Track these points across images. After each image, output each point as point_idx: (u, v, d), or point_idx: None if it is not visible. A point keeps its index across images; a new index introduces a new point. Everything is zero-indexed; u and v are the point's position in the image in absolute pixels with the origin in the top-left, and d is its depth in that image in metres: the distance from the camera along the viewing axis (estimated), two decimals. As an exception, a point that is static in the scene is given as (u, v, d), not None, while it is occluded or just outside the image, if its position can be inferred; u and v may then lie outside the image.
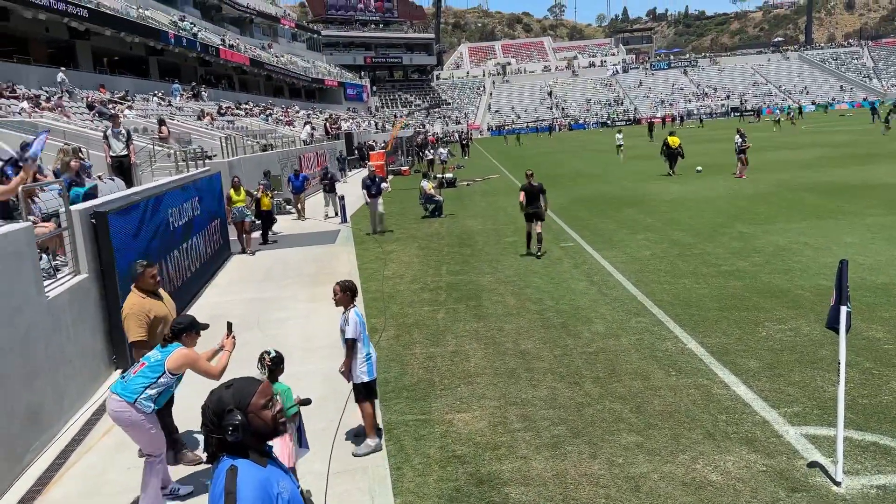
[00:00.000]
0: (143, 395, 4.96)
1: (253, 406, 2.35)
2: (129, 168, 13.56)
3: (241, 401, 2.34)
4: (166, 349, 5.09)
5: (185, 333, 5.17)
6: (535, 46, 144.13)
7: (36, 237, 6.92)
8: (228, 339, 5.22)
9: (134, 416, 4.96)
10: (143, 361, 5.12)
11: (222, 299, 11.71)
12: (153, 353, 5.14)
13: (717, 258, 11.87)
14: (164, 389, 5.07)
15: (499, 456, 5.58)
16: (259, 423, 2.35)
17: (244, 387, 2.38)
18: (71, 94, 27.33)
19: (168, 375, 5.03)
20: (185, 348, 5.10)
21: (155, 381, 5.00)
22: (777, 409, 6.10)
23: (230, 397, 2.34)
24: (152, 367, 5.03)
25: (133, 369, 5.12)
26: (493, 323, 9.16)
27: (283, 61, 66.13)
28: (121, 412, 4.98)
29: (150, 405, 4.99)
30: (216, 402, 2.34)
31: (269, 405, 2.39)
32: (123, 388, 5.01)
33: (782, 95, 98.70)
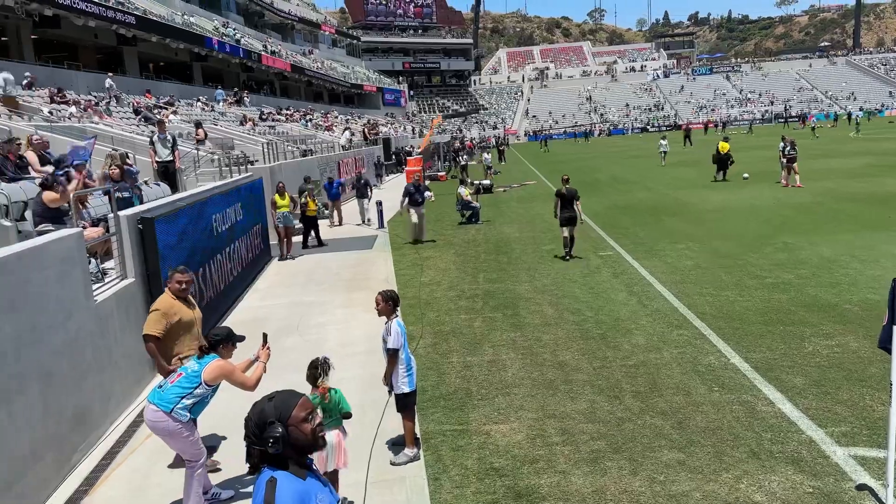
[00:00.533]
0: (179, 404, 5.02)
1: (294, 419, 2.40)
2: (174, 173, 13.85)
3: (283, 413, 2.39)
4: (203, 360, 5.14)
5: (222, 345, 5.22)
6: (574, 51, 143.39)
7: (85, 242, 7.11)
8: (264, 350, 5.26)
9: (171, 426, 5.03)
10: (180, 372, 5.19)
11: (263, 303, 11.87)
12: (190, 364, 5.20)
13: (761, 270, 11.63)
14: (200, 400, 5.13)
15: (537, 470, 5.54)
16: (299, 435, 2.40)
17: (286, 400, 2.44)
18: (118, 99, 28.06)
19: (204, 386, 5.08)
20: (221, 360, 5.16)
21: (191, 392, 5.06)
22: (824, 429, 5.95)
23: (272, 409, 2.39)
24: (189, 377, 5.09)
25: (170, 379, 5.19)
26: (530, 333, 9.11)
27: (324, 67, 66.92)
28: (157, 422, 5.06)
29: (185, 414, 5.05)
30: (258, 414, 2.40)
31: (310, 418, 2.44)
32: (160, 398, 5.08)
33: (828, 101, 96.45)
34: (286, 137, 29.72)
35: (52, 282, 6.06)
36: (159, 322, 5.70)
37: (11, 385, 5.20)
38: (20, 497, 5.18)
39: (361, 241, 17.91)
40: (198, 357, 5.22)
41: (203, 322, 9.67)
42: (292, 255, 15.91)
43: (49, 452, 5.66)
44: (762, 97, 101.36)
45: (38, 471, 5.48)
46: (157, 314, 5.73)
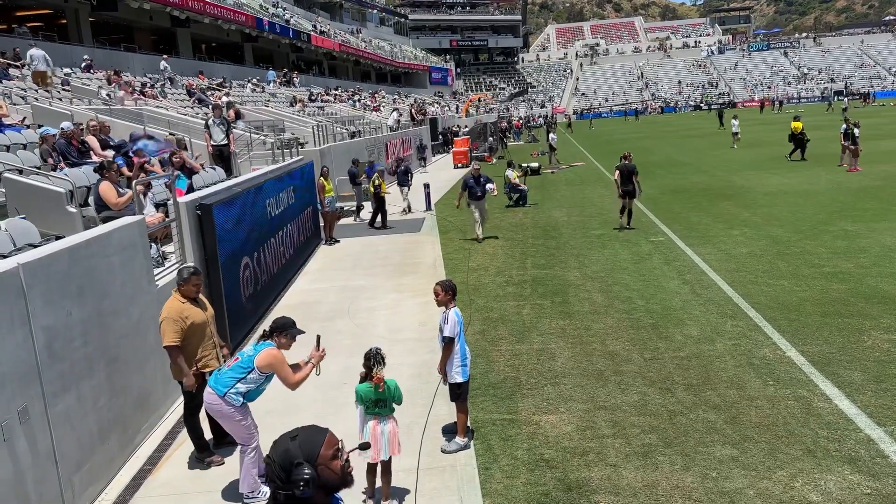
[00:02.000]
0: (232, 388, 5.13)
1: (322, 458, 2.21)
2: (228, 157, 14.12)
3: (310, 453, 2.19)
4: (258, 346, 5.23)
5: (278, 333, 5.27)
6: (626, 27, 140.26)
7: (147, 228, 7.34)
8: (317, 352, 5.31)
9: (224, 409, 5.16)
10: (237, 356, 5.30)
11: (314, 286, 12.08)
12: (247, 349, 5.30)
13: (819, 258, 11.32)
14: (255, 386, 5.21)
15: (587, 462, 5.56)
16: (329, 474, 2.22)
17: (311, 437, 2.24)
18: (172, 80, 28.64)
19: (258, 372, 5.15)
20: (274, 348, 5.21)
21: (244, 377, 5.15)
22: (883, 427, 5.80)
23: (297, 450, 2.19)
24: (244, 362, 5.19)
25: (228, 363, 5.32)
26: (579, 321, 9.07)
27: (371, 46, 67.00)
28: (212, 404, 5.21)
29: (238, 399, 5.15)
30: (282, 454, 2.19)
31: (338, 455, 2.26)
32: (216, 381, 5.21)
33: (892, 78, 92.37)
34: (335, 118, 29.95)
35: (117, 268, 6.28)
36: (174, 330, 5.62)
37: (80, 369, 5.44)
38: (89, 475, 5.44)
39: (409, 223, 18.01)
40: (255, 343, 5.32)
41: (257, 304, 9.95)
42: (337, 239, 16.08)
43: (115, 433, 5.92)
44: (821, 73, 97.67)
45: (105, 450, 5.74)
46: (170, 321, 5.63)
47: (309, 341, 5.50)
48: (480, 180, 14.83)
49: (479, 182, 14.80)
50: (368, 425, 5.20)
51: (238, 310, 8.88)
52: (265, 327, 5.48)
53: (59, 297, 5.26)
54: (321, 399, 7.12)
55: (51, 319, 5.10)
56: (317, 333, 5.58)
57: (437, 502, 5.21)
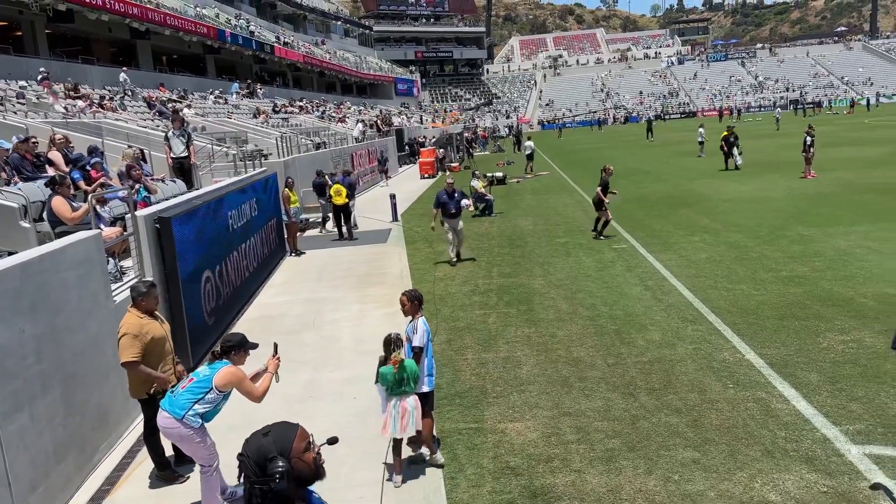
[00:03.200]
0: (190, 410, 5.01)
1: (295, 450, 2.30)
2: (189, 169, 13.93)
3: (283, 446, 2.28)
4: (214, 365, 5.11)
5: (234, 351, 5.17)
6: (588, 38, 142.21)
7: (104, 242, 7.20)
8: (273, 360, 5.24)
9: (182, 431, 5.03)
10: (191, 377, 5.16)
11: (278, 300, 11.97)
12: (202, 369, 5.17)
13: (776, 262, 11.57)
14: (213, 407, 5.11)
15: (552, 469, 5.59)
16: (302, 466, 2.31)
17: (283, 432, 2.33)
18: (132, 93, 28.22)
19: (216, 392, 5.05)
20: (232, 366, 5.11)
21: (202, 398, 5.03)
22: (839, 426, 5.95)
23: (271, 444, 2.28)
24: (200, 382, 5.07)
25: (182, 384, 5.16)
26: (544, 329, 9.13)
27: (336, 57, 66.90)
28: (170, 428, 5.07)
29: (197, 420, 5.04)
30: (256, 450, 2.27)
31: (310, 447, 2.35)
32: (171, 404, 5.06)
33: (844, 87, 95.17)
34: (299, 130, 29.78)
35: (72, 283, 6.15)
36: (133, 346, 5.50)
37: (34, 387, 5.30)
38: (45, 497, 5.30)
39: (375, 234, 17.97)
40: (209, 363, 5.20)
41: (220, 318, 9.82)
42: (302, 251, 15.97)
43: (71, 452, 5.77)
44: (778, 83, 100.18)
45: (62, 470, 5.59)
46: (129, 337, 5.51)
47: (264, 354, 5.41)
48: (455, 195, 13.61)
49: (453, 197, 13.58)
50: (397, 404, 5.56)
51: (199, 325, 8.76)
52: (216, 347, 5.33)
53: (11, 313, 5.13)
54: (286, 413, 7.01)
55: (2, 337, 4.97)
56: (274, 341, 5.52)
57: (402, 513, 5.18)
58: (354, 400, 7.27)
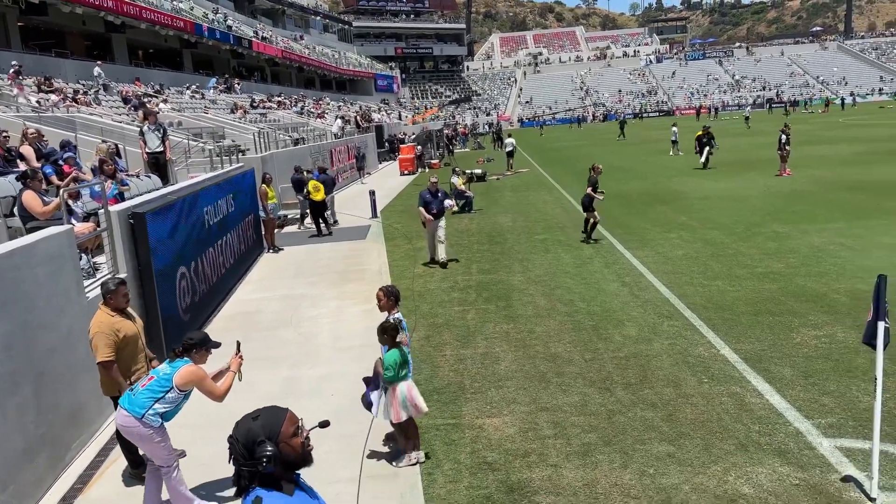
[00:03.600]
0: (150, 409, 4.90)
1: (283, 435, 2.36)
2: (164, 164, 13.77)
3: (272, 430, 2.35)
4: (175, 363, 5.02)
5: (196, 350, 5.08)
6: (567, 36, 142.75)
7: (76, 238, 7.09)
8: (235, 358, 5.18)
9: (142, 431, 4.92)
10: (151, 375, 5.06)
11: (255, 296, 11.88)
12: (162, 367, 5.08)
13: (751, 259, 11.71)
14: (173, 406, 5.01)
15: (529, 464, 5.60)
16: (289, 451, 2.36)
17: (272, 416, 2.39)
18: (107, 87, 27.83)
19: (176, 391, 4.96)
20: (193, 365, 5.02)
21: (163, 397, 4.93)
22: (811, 420, 6.03)
23: (259, 428, 2.34)
24: (160, 381, 4.97)
25: (142, 383, 5.05)
26: (523, 325, 9.16)
27: (315, 53, 66.49)
28: (129, 427, 4.95)
29: (157, 419, 4.94)
30: (245, 434, 2.34)
31: (298, 432, 2.40)
32: (130, 403, 4.95)
33: (820, 86, 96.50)
34: (277, 125, 29.57)
35: (44, 279, 6.05)
36: (107, 345, 5.39)
37: (4, 385, 5.22)
38: (16, 495, 5.21)
39: (354, 231, 17.91)
40: (170, 361, 5.10)
41: (196, 315, 9.73)
42: (280, 247, 15.88)
43: (43, 451, 5.69)
44: (755, 82, 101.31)
45: (33, 469, 5.51)
46: (102, 336, 5.40)
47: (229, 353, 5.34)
48: (438, 195, 13.16)
49: (436, 197, 13.10)
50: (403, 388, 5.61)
51: (175, 321, 8.66)
52: (177, 345, 5.22)
53: (-20, 310, 5.03)
54: (262, 409, 6.98)
55: (-29, 334, 4.88)
56: (237, 339, 5.46)
57: (379, 510, 5.17)
58: (332, 397, 7.24)
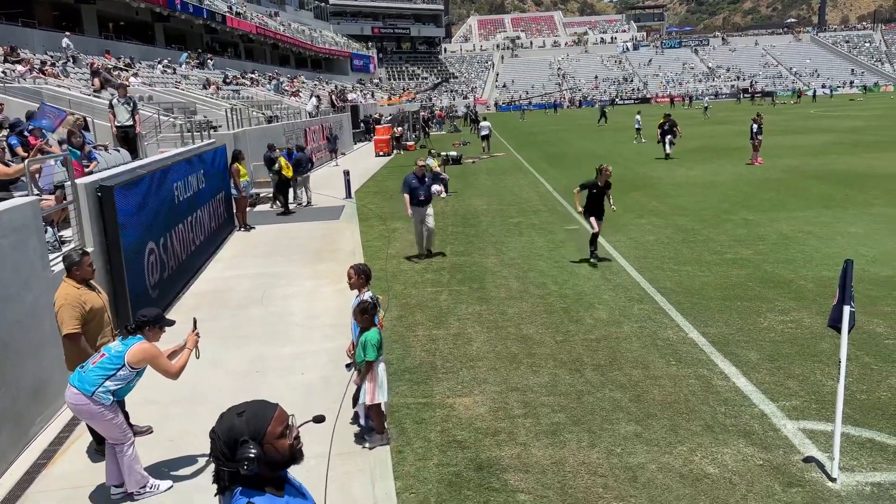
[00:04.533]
0: (100, 387, 4.81)
1: (269, 436, 2.16)
2: (134, 138, 13.51)
3: (257, 430, 2.15)
4: (127, 341, 4.93)
5: (149, 327, 5.00)
6: (546, 21, 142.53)
7: (42, 210, 6.93)
8: (192, 335, 5.12)
9: (92, 408, 4.83)
10: (103, 352, 4.96)
11: (227, 274, 11.74)
12: (114, 344, 4.98)
13: (721, 245, 11.86)
14: (125, 384, 4.92)
15: (499, 442, 5.64)
16: (275, 453, 2.17)
17: (258, 414, 2.19)
18: (76, 59, 27.15)
19: (128, 369, 4.87)
20: (146, 342, 4.94)
21: (114, 374, 4.84)
22: (776, 403, 6.14)
23: (244, 426, 2.14)
24: (112, 358, 4.88)
25: (92, 360, 4.95)
26: (495, 306, 9.19)
27: (290, 30, 65.52)
28: (79, 405, 4.85)
29: (108, 397, 4.85)
30: (227, 431, 2.14)
31: (286, 433, 2.21)
32: (81, 380, 4.85)
33: (792, 78, 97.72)
34: (251, 102, 29.13)
35: (7, 251, 5.90)
36: (73, 317, 5.30)
37: (-35, 357, 5.09)
38: (-24, 470, 5.11)
39: (328, 211, 17.77)
40: (122, 338, 5.01)
41: (165, 291, 9.59)
42: (252, 225, 15.70)
43: (5, 426, 5.58)
44: (729, 72, 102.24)
45: (-5, 444, 5.40)
46: (67, 308, 5.30)
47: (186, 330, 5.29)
48: (425, 181, 12.09)
49: (423, 182, 12.06)
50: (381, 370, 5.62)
51: (143, 298, 8.52)
52: (128, 323, 5.14)
53: (-60, 281, 4.90)
54: (231, 386, 6.94)
55: (-70, 305, 4.75)
56: (193, 317, 5.39)
57: (348, 487, 5.17)
58: (302, 375, 7.21)
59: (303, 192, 18.98)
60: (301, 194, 18.99)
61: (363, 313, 5.58)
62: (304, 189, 18.99)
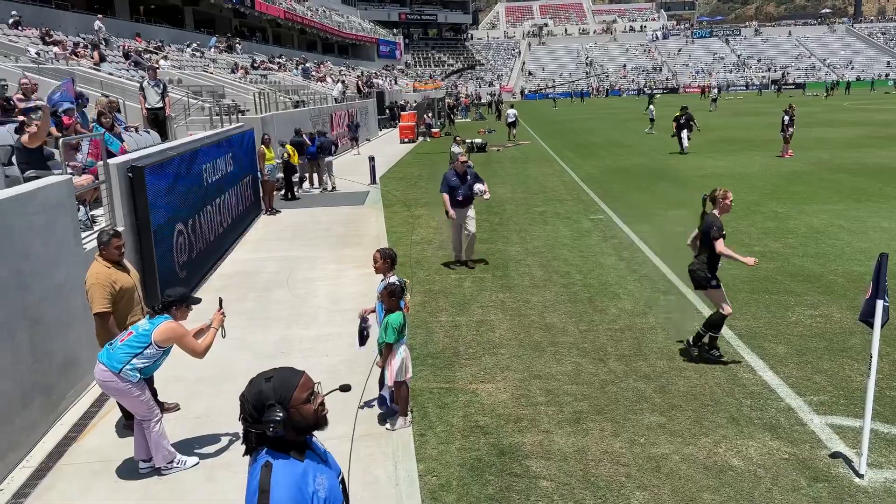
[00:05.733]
0: (127, 364, 4.90)
1: (294, 400, 2.28)
2: (164, 121, 13.65)
3: (283, 395, 2.26)
4: (155, 320, 5.00)
5: (176, 306, 5.07)
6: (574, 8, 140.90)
7: (75, 189, 7.03)
8: (218, 314, 5.18)
9: (120, 385, 4.91)
10: (130, 330, 5.04)
11: (252, 256, 11.85)
12: (142, 323, 5.06)
13: (749, 238, 11.70)
14: (151, 362, 5.01)
15: (521, 428, 5.64)
16: (299, 417, 2.29)
17: (285, 380, 2.30)
18: (108, 42, 27.44)
19: (155, 347, 4.95)
20: (173, 321, 5.01)
21: (141, 352, 4.93)
22: (803, 397, 6.07)
23: (271, 391, 2.26)
24: (139, 336, 4.96)
25: (121, 338, 5.04)
26: (519, 294, 9.17)
27: (318, 15, 65.60)
28: (107, 381, 4.94)
29: (135, 374, 4.94)
30: (255, 395, 2.26)
31: (311, 399, 2.32)
32: (109, 357, 4.94)
33: (826, 69, 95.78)
34: (278, 87, 29.26)
35: (40, 228, 6.01)
36: (103, 296, 5.38)
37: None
38: (10, 440, 5.23)
39: (353, 196, 17.83)
40: (150, 317, 5.09)
41: (192, 272, 9.71)
42: (278, 209, 15.82)
43: (37, 397, 5.70)
44: (760, 62, 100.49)
45: (27, 415, 5.52)
46: (98, 287, 5.38)
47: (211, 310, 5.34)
48: (467, 177, 10.48)
49: (465, 180, 10.47)
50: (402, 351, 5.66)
51: (171, 277, 8.64)
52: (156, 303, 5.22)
53: (-24, 255, 5.00)
54: (256, 368, 6.96)
55: (-34, 279, 4.85)
56: (219, 296, 5.45)
57: (371, 468, 5.21)
58: (326, 357, 7.26)
59: (327, 178, 19.05)
60: (326, 179, 19.07)
61: (391, 296, 5.61)
62: (329, 174, 19.06)
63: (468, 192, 10.54)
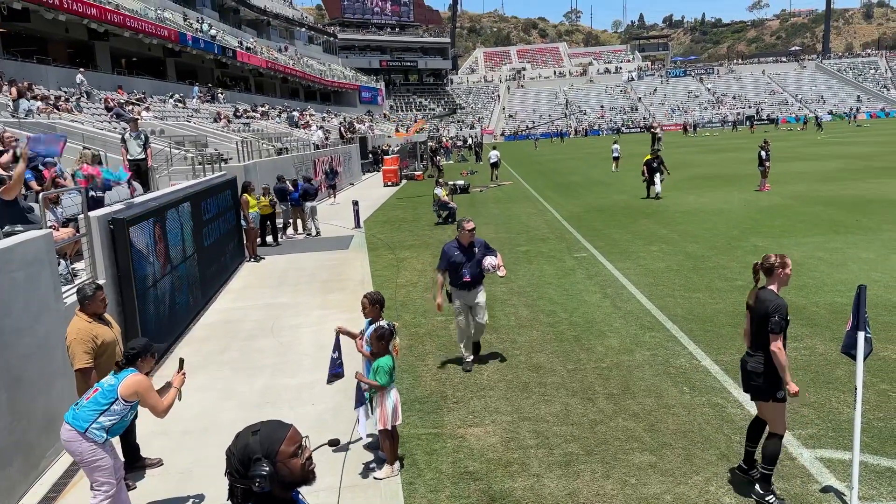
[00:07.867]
0: (94, 423, 4.71)
1: (281, 455, 2.23)
2: (146, 172, 13.67)
3: (270, 449, 2.22)
4: (120, 374, 4.85)
5: (141, 357, 4.96)
6: (551, 52, 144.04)
7: (55, 243, 7.00)
8: (178, 375, 5.10)
9: (84, 446, 4.70)
10: (96, 387, 4.88)
11: (236, 305, 11.77)
12: (107, 379, 4.90)
13: (731, 272, 11.81)
14: (119, 419, 4.82)
15: (511, 473, 5.58)
16: (287, 472, 2.24)
17: (272, 433, 2.26)
18: (89, 94, 27.60)
19: (122, 402, 4.78)
20: (139, 374, 4.88)
21: (108, 408, 4.74)
22: (791, 431, 6.05)
23: (257, 445, 2.22)
24: (104, 392, 4.79)
25: (86, 395, 4.87)
26: (505, 335, 9.15)
27: (300, 64, 66.49)
28: (71, 441, 4.73)
29: (102, 434, 4.73)
30: (242, 449, 2.22)
31: (298, 453, 2.28)
32: (74, 417, 4.74)
33: (798, 104, 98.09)
34: (261, 135, 29.47)
35: (20, 284, 5.96)
36: (84, 352, 5.30)
37: (-22, 390, 5.11)
38: (-13, 504, 5.10)
39: (337, 241, 17.84)
40: (115, 372, 4.92)
41: (175, 323, 9.62)
42: (261, 256, 15.78)
43: (16, 458, 5.57)
44: (735, 99, 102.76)
45: (6, 476, 5.39)
46: (79, 342, 5.31)
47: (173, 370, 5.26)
48: (474, 250, 7.98)
49: (471, 254, 7.95)
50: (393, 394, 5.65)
51: (154, 329, 8.55)
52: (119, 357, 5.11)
53: (-46, 314, 4.93)
54: (242, 419, 6.90)
55: (-56, 338, 4.78)
56: (180, 357, 5.39)
57: (359, 519, 5.11)
58: (312, 406, 7.18)
59: (311, 223, 19.08)
60: (310, 224, 19.10)
61: (380, 339, 5.60)
62: (312, 219, 19.10)
63: (476, 271, 7.96)
